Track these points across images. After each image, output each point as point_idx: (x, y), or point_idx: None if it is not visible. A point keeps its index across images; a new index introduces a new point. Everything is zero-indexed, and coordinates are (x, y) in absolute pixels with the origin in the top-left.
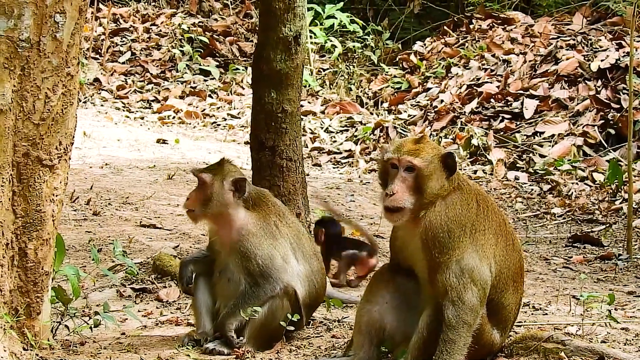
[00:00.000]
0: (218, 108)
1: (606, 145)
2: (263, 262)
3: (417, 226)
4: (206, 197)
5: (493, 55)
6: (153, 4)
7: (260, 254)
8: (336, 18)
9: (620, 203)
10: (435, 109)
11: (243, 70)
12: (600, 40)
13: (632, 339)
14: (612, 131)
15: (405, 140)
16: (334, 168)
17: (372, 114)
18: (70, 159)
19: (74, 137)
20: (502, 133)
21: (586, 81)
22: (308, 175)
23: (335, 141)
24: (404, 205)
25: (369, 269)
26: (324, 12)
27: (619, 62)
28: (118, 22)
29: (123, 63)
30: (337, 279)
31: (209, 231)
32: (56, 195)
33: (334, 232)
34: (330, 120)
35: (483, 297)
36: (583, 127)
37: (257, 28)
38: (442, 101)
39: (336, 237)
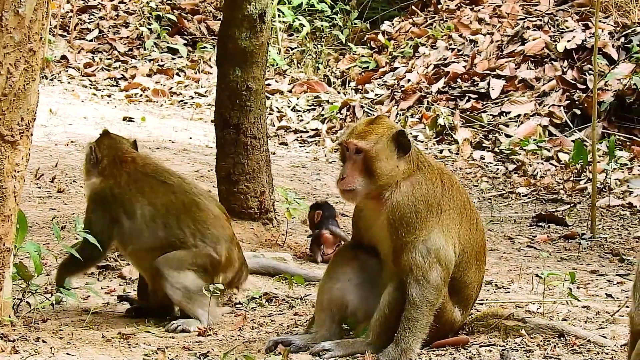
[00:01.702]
0: (185, 86)
1: (572, 126)
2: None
3: (383, 206)
4: None
5: (460, 35)
6: None
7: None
8: None
9: (585, 183)
10: (402, 89)
11: (211, 48)
12: (567, 21)
13: (593, 317)
14: (578, 111)
15: (360, 122)
16: (300, 147)
17: (339, 93)
18: (32, 134)
19: (35, 112)
20: (468, 113)
21: (552, 62)
22: (274, 154)
23: (302, 120)
24: (354, 187)
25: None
26: None
27: (585, 43)
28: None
29: (90, 41)
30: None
31: None
32: (18, 172)
33: (329, 214)
34: (298, 99)
35: (447, 276)
36: (549, 108)
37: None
38: (409, 81)
39: (330, 219)
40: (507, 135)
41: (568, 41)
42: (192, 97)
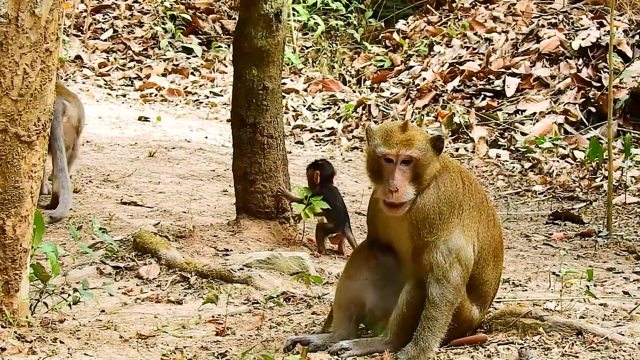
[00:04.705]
0: (200, 86)
1: (587, 124)
2: None
3: None
4: None
5: (475, 34)
6: None
7: None
8: None
9: (601, 180)
10: (418, 87)
11: (225, 48)
12: (582, 19)
13: (610, 315)
14: (593, 109)
15: (392, 129)
16: (316, 146)
17: (354, 92)
18: (48, 135)
19: (52, 113)
20: (483, 111)
21: (567, 60)
22: (290, 153)
23: (317, 119)
24: (408, 199)
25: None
26: None
27: (599, 40)
28: None
29: (105, 40)
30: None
31: None
32: (35, 172)
33: (327, 173)
34: (313, 98)
35: (466, 276)
36: (564, 106)
37: (239, 5)
38: (424, 79)
39: (329, 178)
40: (523, 134)
41: (583, 39)
42: (207, 97)
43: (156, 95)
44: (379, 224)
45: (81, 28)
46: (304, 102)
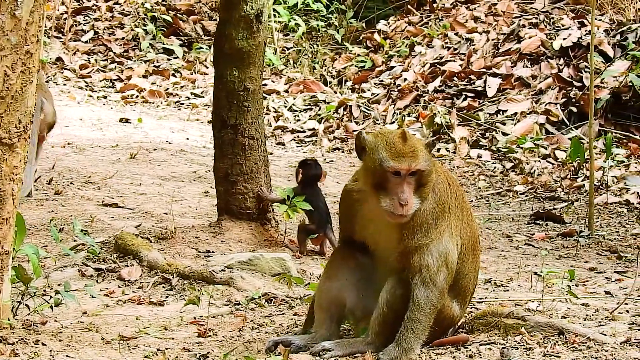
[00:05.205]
0: (181, 87)
1: (568, 123)
2: None
3: None
4: None
5: (456, 34)
6: None
7: None
8: None
9: (582, 180)
10: (399, 88)
11: (207, 49)
12: (563, 19)
13: (592, 315)
14: (574, 109)
15: (393, 141)
16: (297, 147)
17: (335, 92)
18: (29, 137)
19: (33, 115)
20: (465, 111)
21: (548, 60)
22: (272, 154)
23: (299, 120)
24: (415, 209)
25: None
26: None
27: (580, 40)
28: (80, 1)
29: (86, 42)
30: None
31: None
32: (16, 174)
33: (313, 174)
34: (294, 99)
35: (450, 279)
36: (545, 105)
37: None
38: (405, 80)
39: (315, 179)
40: (504, 134)
41: (564, 39)
42: (189, 98)
43: (137, 96)
44: (356, 221)
45: (62, 30)
46: (285, 103)
